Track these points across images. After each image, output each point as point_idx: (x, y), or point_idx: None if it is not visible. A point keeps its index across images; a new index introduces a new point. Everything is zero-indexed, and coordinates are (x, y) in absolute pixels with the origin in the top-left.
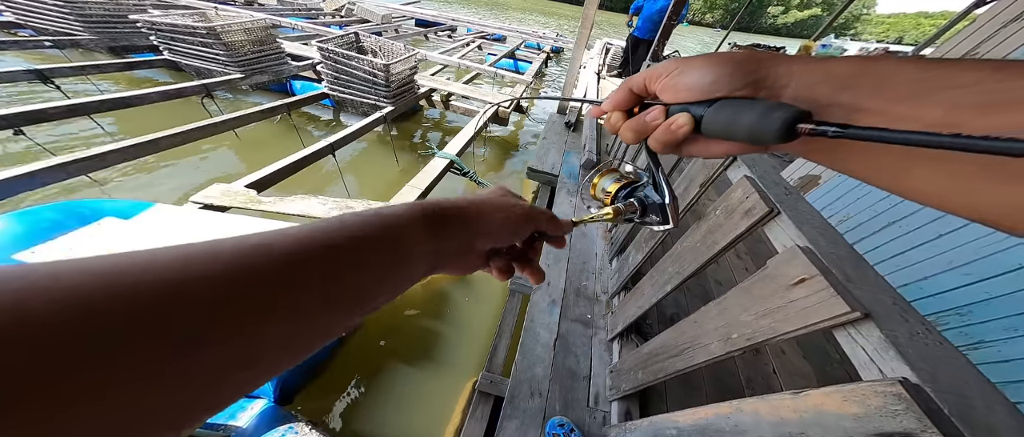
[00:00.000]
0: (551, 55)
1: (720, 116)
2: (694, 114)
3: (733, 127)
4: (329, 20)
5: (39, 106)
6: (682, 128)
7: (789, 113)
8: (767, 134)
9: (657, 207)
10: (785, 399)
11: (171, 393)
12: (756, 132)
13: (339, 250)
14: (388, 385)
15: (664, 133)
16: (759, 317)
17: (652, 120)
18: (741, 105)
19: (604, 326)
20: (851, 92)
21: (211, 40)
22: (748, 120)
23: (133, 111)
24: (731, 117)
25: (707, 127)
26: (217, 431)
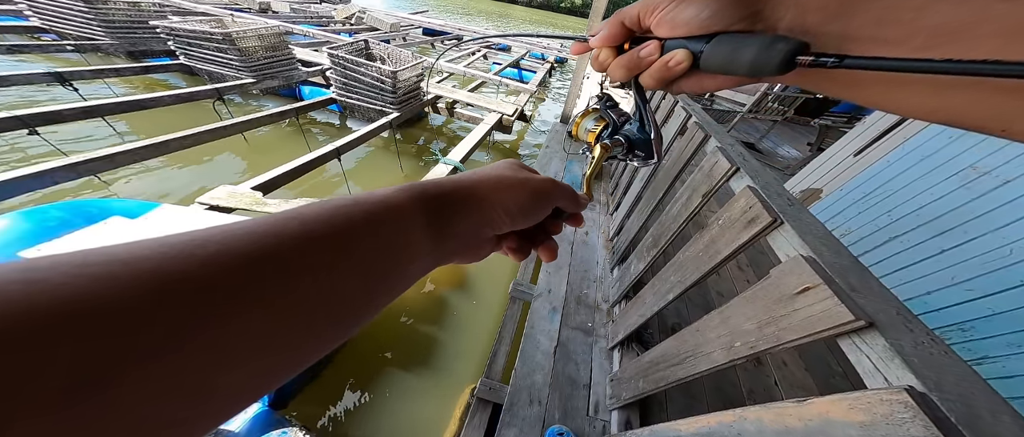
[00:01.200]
0: (555, 66)
1: (719, 51)
2: (692, 50)
3: (733, 62)
4: (339, 28)
5: (54, 108)
6: (680, 64)
7: (789, 46)
8: (767, 67)
9: (643, 143)
10: (789, 407)
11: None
12: (757, 66)
13: (317, 242)
14: (385, 391)
15: (660, 70)
16: (762, 326)
17: (647, 56)
18: (741, 40)
19: (605, 334)
20: (843, 21)
21: (226, 45)
22: (749, 54)
23: (146, 113)
24: (731, 52)
25: (706, 62)
26: (209, 433)
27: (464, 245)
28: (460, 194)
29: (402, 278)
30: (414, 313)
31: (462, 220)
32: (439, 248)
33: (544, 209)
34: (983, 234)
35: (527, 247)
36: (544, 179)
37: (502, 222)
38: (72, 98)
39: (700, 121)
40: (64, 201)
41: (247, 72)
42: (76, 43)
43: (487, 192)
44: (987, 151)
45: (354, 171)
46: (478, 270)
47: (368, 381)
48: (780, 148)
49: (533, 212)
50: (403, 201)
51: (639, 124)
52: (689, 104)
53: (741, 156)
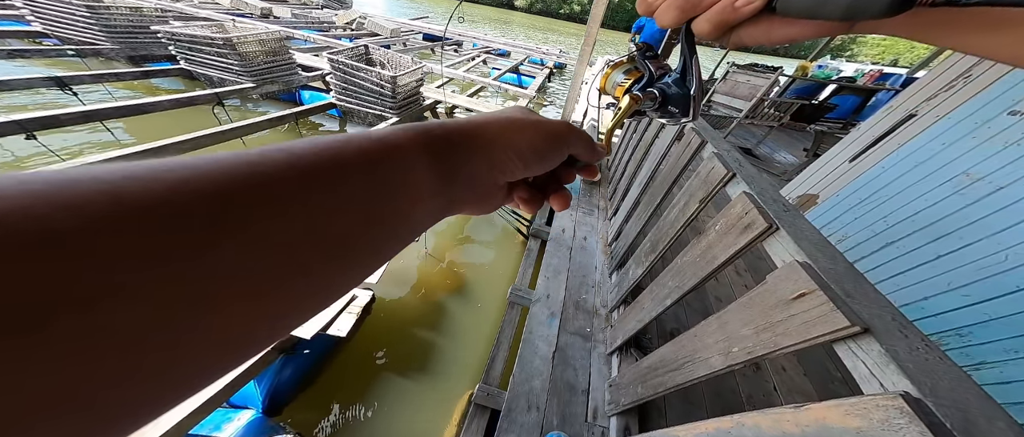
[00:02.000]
0: (554, 71)
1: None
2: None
3: (826, 2)
4: (340, 33)
5: (52, 112)
6: (752, 4)
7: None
8: (875, 6)
9: (679, 98)
10: (787, 413)
11: None
12: (859, 4)
13: (305, 172)
14: (381, 397)
15: (724, 10)
16: (759, 331)
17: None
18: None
19: (603, 339)
20: None
21: (227, 50)
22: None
23: (145, 118)
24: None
25: (788, 5)
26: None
27: (472, 191)
28: (466, 134)
29: (405, 221)
30: (412, 318)
31: (468, 161)
32: (445, 192)
33: (558, 153)
34: (978, 239)
35: (539, 197)
36: (558, 121)
37: (513, 166)
38: (72, 103)
39: (697, 127)
40: None
41: (247, 77)
42: (77, 48)
43: (496, 133)
44: (980, 157)
45: None
46: (476, 275)
47: (365, 387)
48: (777, 153)
49: (546, 156)
50: (401, 139)
51: (679, 76)
52: None
53: (737, 162)
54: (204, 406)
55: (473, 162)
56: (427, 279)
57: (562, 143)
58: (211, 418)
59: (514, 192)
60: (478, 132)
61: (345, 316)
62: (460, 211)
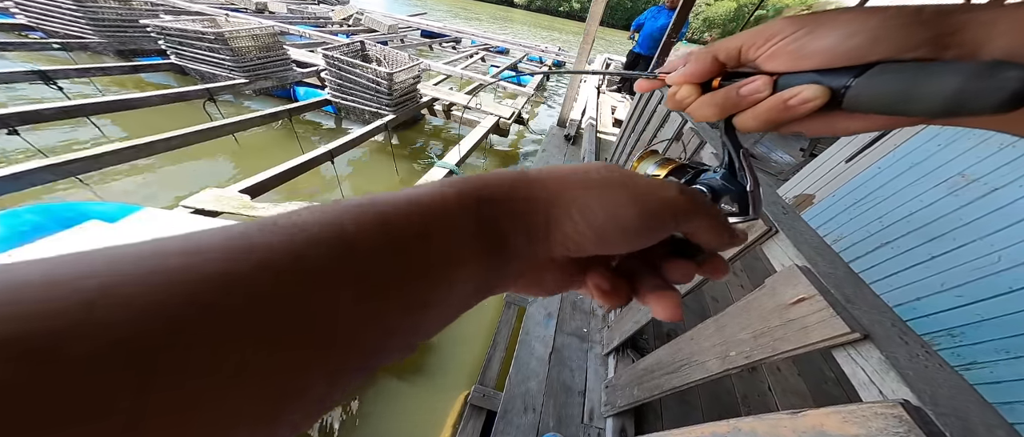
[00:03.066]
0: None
1: (883, 83)
2: (831, 85)
3: (911, 97)
4: (337, 29)
5: (35, 107)
6: (808, 104)
7: (1021, 72)
8: (984, 100)
9: (736, 195)
10: (784, 419)
11: None
12: (962, 100)
13: (339, 273)
14: (376, 398)
15: (774, 110)
16: (757, 336)
17: (751, 93)
18: (923, 69)
19: (600, 340)
20: None
21: (218, 45)
22: (945, 86)
23: (134, 114)
24: (907, 84)
25: (857, 100)
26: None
27: (522, 266)
28: (522, 190)
29: (444, 305)
30: None
31: (522, 228)
32: (492, 272)
33: (658, 227)
34: (972, 241)
35: (624, 289)
36: (663, 182)
37: (579, 237)
38: (57, 98)
39: (696, 127)
40: (39, 204)
41: (240, 72)
42: (63, 41)
43: (560, 189)
44: (975, 159)
45: (349, 175)
46: None
47: (359, 388)
48: (774, 153)
49: (638, 228)
50: (450, 198)
51: (727, 172)
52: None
53: None
54: None
55: (527, 228)
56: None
57: (667, 216)
58: None
59: (588, 275)
60: (539, 185)
61: None
62: (500, 291)
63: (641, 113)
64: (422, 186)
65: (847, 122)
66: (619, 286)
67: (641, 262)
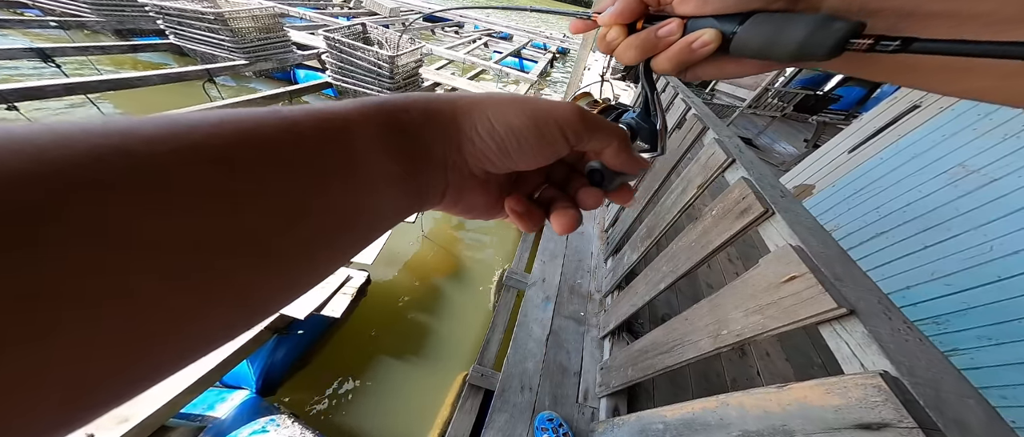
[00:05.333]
0: (557, 56)
1: (758, 32)
2: (723, 30)
3: (774, 45)
4: (338, 11)
5: (35, 83)
6: (707, 46)
7: (844, 27)
8: (817, 50)
9: (647, 132)
10: (770, 393)
11: None
12: (805, 49)
13: (258, 138)
14: (376, 377)
15: (682, 51)
16: (749, 314)
17: (666, 35)
18: (785, 20)
19: (597, 323)
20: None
21: (218, 25)
22: (795, 36)
23: (134, 93)
24: (772, 33)
25: (740, 45)
26: (193, 421)
27: (442, 179)
28: (430, 107)
29: (358, 214)
30: (408, 300)
31: (434, 140)
32: (409, 181)
33: (552, 141)
34: (965, 231)
35: (536, 212)
36: (564, 103)
37: (485, 148)
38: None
39: (700, 113)
40: None
41: (240, 54)
42: (60, 20)
43: (467, 105)
44: (978, 150)
45: None
46: (474, 258)
47: (360, 368)
48: (777, 144)
49: (533, 140)
50: (352, 113)
51: (643, 111)
52: (689, 96)
53: (737, 149)
54: (196, 385)
55: (438, 141)
56: (424, 262)
57: (559, 129)
58: (203, 398)
59: (506, 200)
60: (446, 103)
61: (339, 297)
62: (437, 207)
63: None
64: (334, 103)
65: (732, 66)
66: (532, 211)
67: (559, 191)
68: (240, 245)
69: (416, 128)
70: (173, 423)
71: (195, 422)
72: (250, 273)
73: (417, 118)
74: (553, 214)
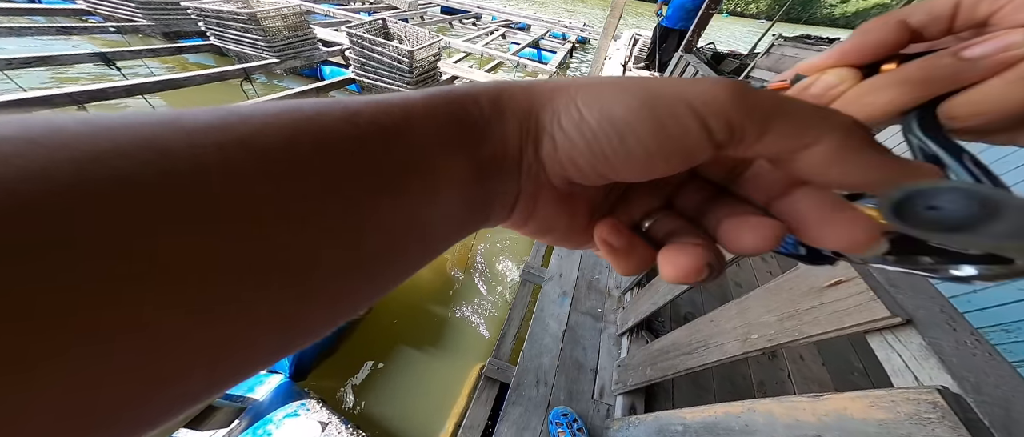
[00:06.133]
0: (576, 46)
1: None
2: None
3: None
4: (359, 7)
5: (101, 85)
6: None
7: None
8: None
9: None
10: (803, 402)
11: None
12: None
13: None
14: (396, 367)
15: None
16: (784, 318)
17: (999, 50)
18: None
19: (614, 320)
20: None
21: (251, 25)
22: None
23: (181, 92)
24: None
25: None
26: (235, 402)
27: (515, 187)
28: (501, 95)
29: (414, 230)
30: (427, 293)
31: (505, 135)
32: (476, 186)
33: (681, 136)
34: None
35: (641, 249)
36: (703, 79)
37: (570, 148)
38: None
39: None
40: None
41: (271, 52)
42: (118, 25)
43: (550, 92)
44: None
45: None
46: (491, 251)
47: (383, 357)
48: None
49: (647, 135)
50: (411, 103)
51: (951, 189)
52: (698, 66)
53: None
54: None
55: (513, 137)
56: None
57: (696, 116)
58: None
59: (596, 226)
60: (521, 93)
61: None
62: (506, 224)
63: None
64: (390, 95)
65: None
66: (635, 245)
67: (684, 222)
68: (288, 271)
69: (485, 122)
70: (219, 403)
71: (237, 403)
72: (295, 305)
73: (487, 110)
74: (666, 251)
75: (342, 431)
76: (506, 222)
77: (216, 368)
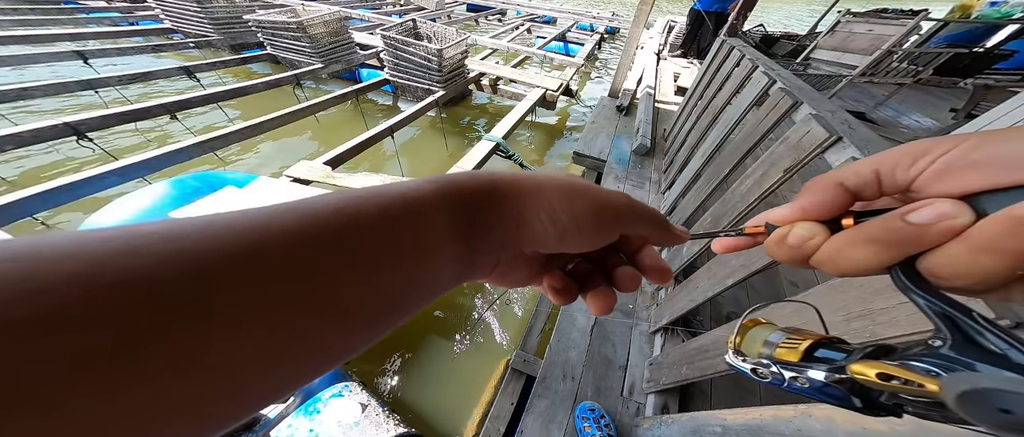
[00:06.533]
0: (605, 36)
1: None
2: None
3: None
4: (390, 9)
5: (185, 96)
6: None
7: None
8: None
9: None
10: None
11: None
12: None
13: (313, 241)
14: (428, 356)
15: (995, 236)
16: (852, 318)
17: (938, 219)
18: None
19: (647, 318)
20: None
21: (299, 33)
22: None
23: (248, 99)
24: None
25: None
26: None
27: (494, 256)
28: (497, 189)
29: (424, 286)
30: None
31: (494, 221)
32: (466, 258)
33: (608, 229)
34: None
35: (573, 288)
36: (616, 192)
37: (544, 233)
38: (196, 88)
39: (788, 87)
40: (197, 172)
41: (317, 58)
42: (195, 40)
43: (531, 190)
44: None
45: (404, 150)
46: None
47: (416, 346)
48: (905, 117)
49: (591, 229)
50: (425, 193)
51: (951, 346)
52: (772, 67)
53: (845, 124)
54: None
55: (498, 223)
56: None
57: (614, 217)
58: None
59: (544, 275)
60: (512, 186)
61: None
62: (475, 279)
63: (713, 75)
64: (412, 182)
65: None
66: (570, 286)
67: (592, 266)
68: (337, 309)
69: (482, 210)
70: None
71: None
72: (340, 334)
73: (483, 200)
74: (590, 296)
75: (379, 413)
76: (483, 277)
77: (318, 367)
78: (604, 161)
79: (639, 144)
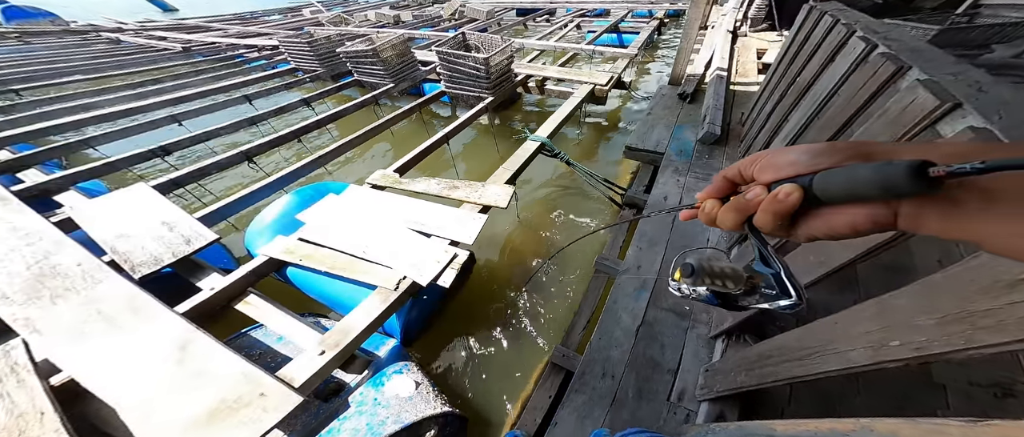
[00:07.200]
0: (665, 20)
1: (835, 178)
2: (800, 183)
3: (855, 183)
4: (447, 25)
5: (304, 123)
6: (790, 196)
7: (914, 160)
8: (900, 183)
9: (772, 277)
10: (949, 426)
11: None
12: (885, 181)
13: None
14: (478, 348)
15: (771, 204)
16: (946, 322)
17: (754, 197)
18: (855, 166)
19: (706, 321)
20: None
21: (375, 58)
22: (869, 172)
23: (344, 120)
24: (849, 175)
25: (824, 190)
26: (367, 355)
27: None
28: None
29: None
30: (506, 280)
31: None
32: None
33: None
34: None
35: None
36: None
37: None
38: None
39: (891, 50)
40: (312, 184)
41: (388, 78)
42: (309, 75)
43: None
44: None
45: (461, 155)
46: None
47: (468, 337)
48: None
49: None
50: None
51: (761, 263)
52: (875, 30)
53: (975, 87)
54: (371, 325)
55: None
56: (521, 245)
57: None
58: (372, 340)
59: None
60: None
61: (449, 271)
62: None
63: (799, 49)
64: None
65: (838, 216)
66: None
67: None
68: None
69: None
70: (358, 353)
71: (368, 356)
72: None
73: None
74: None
75: (429, 391)
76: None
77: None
78: (661, 154)
79: (706, 133)
